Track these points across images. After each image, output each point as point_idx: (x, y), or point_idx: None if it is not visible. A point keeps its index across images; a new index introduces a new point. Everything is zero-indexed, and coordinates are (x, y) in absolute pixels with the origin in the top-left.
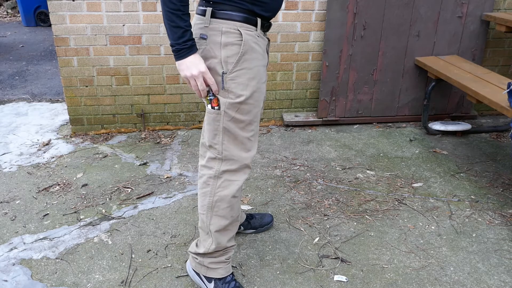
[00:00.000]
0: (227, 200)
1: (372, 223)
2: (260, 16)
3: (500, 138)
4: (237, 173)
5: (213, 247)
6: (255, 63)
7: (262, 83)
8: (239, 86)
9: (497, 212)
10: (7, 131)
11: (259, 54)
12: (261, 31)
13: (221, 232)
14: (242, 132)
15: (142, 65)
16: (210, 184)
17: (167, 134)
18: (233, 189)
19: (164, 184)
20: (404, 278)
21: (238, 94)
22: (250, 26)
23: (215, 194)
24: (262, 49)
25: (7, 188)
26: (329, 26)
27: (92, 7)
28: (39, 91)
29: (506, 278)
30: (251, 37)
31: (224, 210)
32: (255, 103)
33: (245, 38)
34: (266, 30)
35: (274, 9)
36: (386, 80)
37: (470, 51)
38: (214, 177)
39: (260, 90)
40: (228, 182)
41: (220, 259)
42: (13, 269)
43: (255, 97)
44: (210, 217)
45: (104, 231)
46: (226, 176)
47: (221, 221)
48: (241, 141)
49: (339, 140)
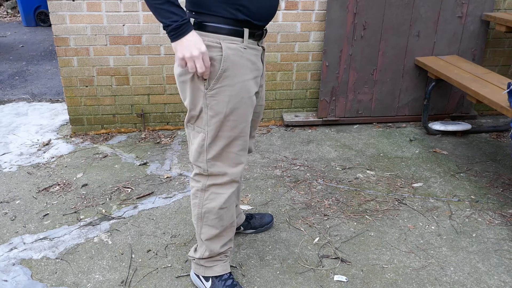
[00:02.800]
0: (214, 211)
1: (372, 223)
2: (247, 26)
3: (500, 138)
4: (224, 187)
5: (206, 253)
6: (239, 79)
7: (248, 98)
8: (219, 103)
9: (497, 212)
10: (7, 131)
11: (245, 68)
12: (251, 40)
13: (212, 240)
14: (228, 148)
15: (142, 65)
16: (198, 196)
17: (167, 134)
18: (220, 202)
19: (164, 184)
20: (404, 278)
21: (218, 111)
22: (235, 38)
23: (203, 206)
24: (251, 61)
25: (7, 188)
26: (329, 26)
27: (92, 7)
28: (39, 91)
29: (506, 278)
30: (234, 51)
31: (213, 220)
32: (239, 119)
33: (226, 54)
34: (258, 39)
35: (263, 17)
36: (386, 80)
37: (470, 51)
38: (201, 190)
39: (245, 105)
40: (215, 194)
41: (216, 257)
42: (13, 269)
43: (237, 113)
44: (200, 226)
45: (104, 231)
46: (213, 189)
47: (211, 230)
48: (226, 156)
49: (339, 140)
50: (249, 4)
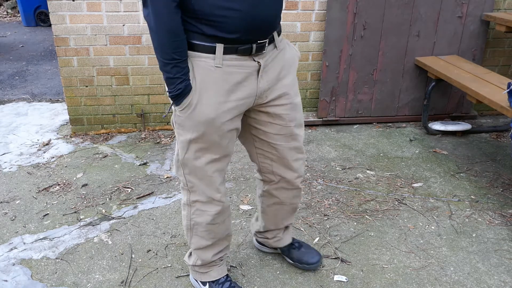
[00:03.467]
0: (203, 225)
1: (372, 223)
2: (222, 40)
3: (500, 138)
4: (207, 205)
5: (199, 262)
6: (206, 101)
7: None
8: (185, 124)
9: (497, 212)
10: (7, 131)
11: (215, 89)
12: (236, 56)
13: (203, 250)
14: (200, 169)
15: (142, 65)
16: (186, 209)
17: (167, 134)
18: (207, 219)
19: (164, 184)
20: (404, 278)
21: (184, 132)
22: (204, 55)
23: (191, 219)
24: (229, 81)
25: (7, 188)
26: (329, 26)
27: (92, 7)
28: (39, 91)
29: (506, 278)
30: (203, 70)
31: (202, 232)
32: (208, 143)
33: (191, 73)
34: (248, 54)
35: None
36: (386, 80)
37: (470, 51)
38: (187, 204)
39: (216, 131)
40: (201, 211)
41: (210, 264)
42: (13, 269)
43: (206, 138)
44: (190, 236)
45: (104, 231)
46: (198, 205)
47: (201, 241)
48: (201, 176)
49: (339, 140)
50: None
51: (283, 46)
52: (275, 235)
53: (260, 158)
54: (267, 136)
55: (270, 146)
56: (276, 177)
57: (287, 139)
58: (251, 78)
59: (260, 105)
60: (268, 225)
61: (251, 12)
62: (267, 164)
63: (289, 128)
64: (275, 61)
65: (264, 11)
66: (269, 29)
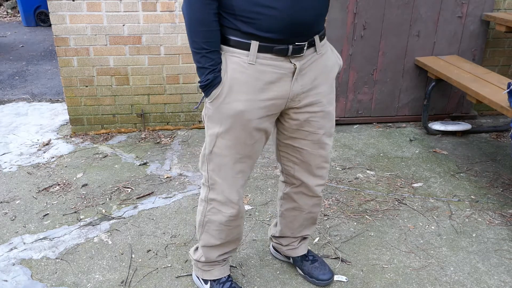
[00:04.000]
0: (216, 224)
1: (372, 223)
2: (257, 38)
3: (500, 138)
4: (224, 206)
5: (203, 259)
6: (236, 98)
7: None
8: (214, 118)
9: (497, 212)
10: (7, 131)
11: (246, 86)
12: (270, 55)
13: (210, 248)
14: (225, 166)
15: (142, 65)
16: (202, 205)
17: (167, 134)
18: (222, 219)
19: (164, 184)
20: (404, 278)
21: (213, 126)
22: (238, 51)
23: (205, 215)
24: (262, 80)
25: (7, 188)
26: (329, 26)
27: (92, 7)
28: (39, 91)
29: (506, 278)
30: (236, 66)
31: (214, 231)
32: (235, 141)
33: (224, 68)
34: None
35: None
36: (386, 80)
37: (470, 51)
38: (204, 200)
39: (244, 129)
40: (217, 210)
41: (214, 262)
42: (13, 269)
43: (233, 135)
44: (200, 232)
45: (104, 231)
46: (215, 204)
47: (211, 239)
48: (225, 175)
49: (339, 140)
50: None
51: (325, 51)
52: (290, 243)
53: (284, 160)
54: (293, 140)
55: (296, 150)
56: (297, 181)
57: (314, 146)
58: (285, 79)
59: (291, 108)
60: (284, 231)
61: (289, 12)
62: (289, 167)
63: (317, 135)
64: (313, 66)
65: (303, 12)
66: (308, 31)
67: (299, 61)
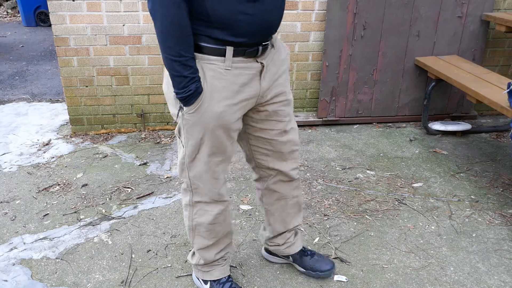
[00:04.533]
0: (205, 225)
1: (372, 223)
2: (232, 44)
3: (500, 138)
4: (210, 205)
5: (201, 261)
6: (216, 104)
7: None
8: (194, 128)
9: (497, 212)
10: (7, 131)
11: (226, 91)
12: (242, 58)
13: (205, 250)
14: (207, 171)
15: (142, 65)
16: (188, 210)
17: (167, 134)
18: (208, 218)
19: (164, 184)
20: (404, 278)
21: (193, 135)
22: (214, 58)
23: (193, 219)
24: (237, 83)
25: (7, 188)
26: (329, 26)
27: (92, 7)
28: (39, 91)
29: (506, 278)
30: (213, 73)
31: (204, 233)
32: (217, 145)
33: (202, 76)
34: (254, 56)
35: (248, 32)
36: (386, 80)
37: (470, 51)
38: (189, 205)
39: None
40: (203, 211)
41: (213, 263)
42: (13, 269)
43: (215, 140)
44: (192, 237)
45: (104, 231)
46: (200, 205)
47: (204, 241)
48: (207, 178)
49: (339, 140)
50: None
51: (278, 45)
52: (286, 239)
53: (256, 155)
54: (263, 132)
55: (266, 141)
56: (273, 171)
57: (282, 134)
58: (255, 79)
59: (260, 104)
60: (277, 227)
61: (262, 16)
62: (263, 160)
63: (284, 123)
64: (273, 61)
65: (271, 15)
66: (273, 31)
67: (264, 60)
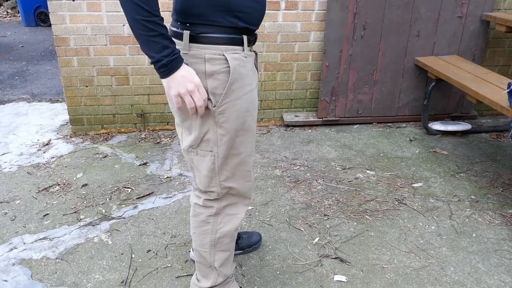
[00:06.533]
0: (230, 234)
1: (372, 223)
2: (245, 32)
3: (500, 138)
4: (237, 206)
5: (220, 279)
6: (245, 90)
7: (254, 109)
8: (229, 120)
9: (497, 212)
10: (7, 131)
11: (248, 77)
12: (248, 48)
13: (225, 264)
14: (240, 165)
15: (142, 65)
16: (211, 222)
17: (167, 134)
18: (236, 223)
19: (164, 184)
20: (404, 278)
21: (229, 128)
22: (236, 47)
23: (217, 231)
24: (251, 69)
25: (7, 188)
26: (329, 26)
27: (92, 7)
28: (39, 91)
29: (506, 278)
30: (239, 61)
31: (227, 244)
32: (248, 133)
33: (232, 65)
34: (252, 44)
35: (258, 19)
36: (386, 80)
37: (470, 51)
38: (215, 214)
39: (253, 117)
40: (230, 216)
41: (227, 280)
42: (13, 269)
43: (247, 127)
44: (213, 254)
45: (104, 231)
46: (227, 210)
47: (224, 254)
48: (240, 175)
49: (339, 140)
50: (247, 9)
51: None
52: None
53: None
54: None
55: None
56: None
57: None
58: (254, 66)
59: None
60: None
61: (264, 4)
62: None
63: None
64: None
65: (264, 4)
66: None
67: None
